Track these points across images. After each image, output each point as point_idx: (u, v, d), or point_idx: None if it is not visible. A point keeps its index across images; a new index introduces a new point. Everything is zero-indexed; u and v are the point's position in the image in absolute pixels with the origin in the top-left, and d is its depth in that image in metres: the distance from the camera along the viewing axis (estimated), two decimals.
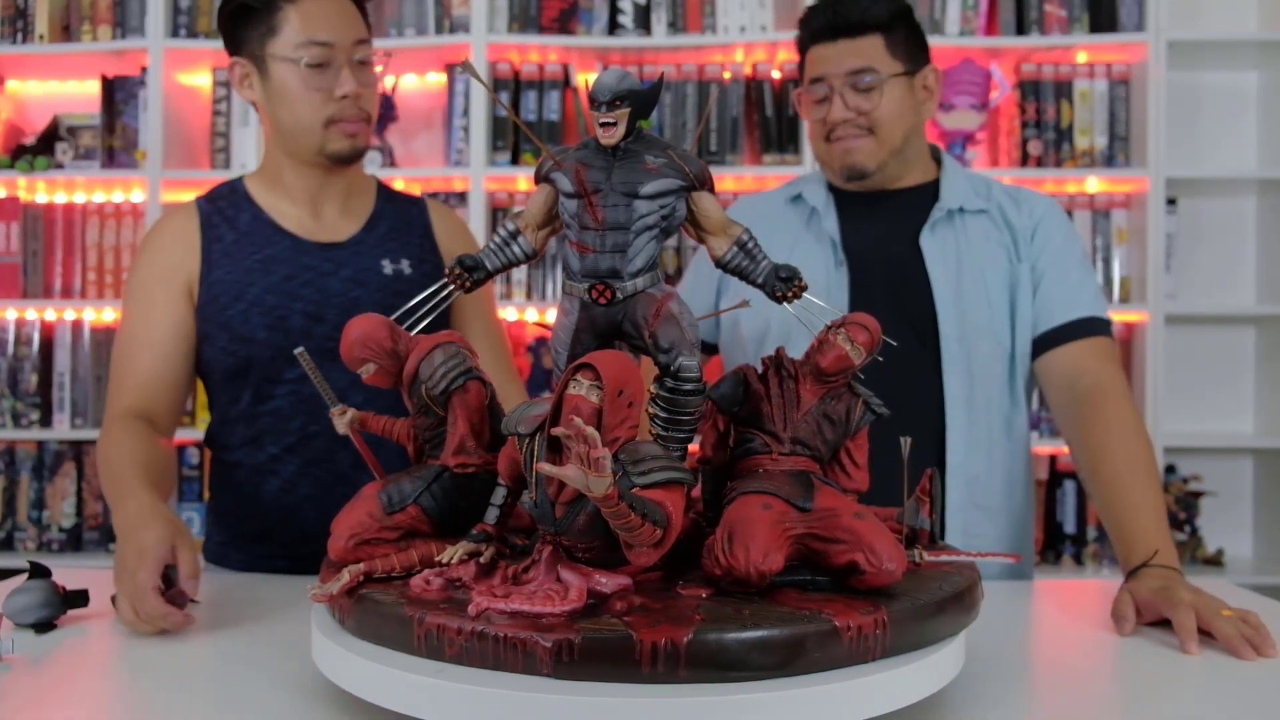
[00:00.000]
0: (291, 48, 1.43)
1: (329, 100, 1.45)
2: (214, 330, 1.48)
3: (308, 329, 1.47)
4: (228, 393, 1.51)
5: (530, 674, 0.76)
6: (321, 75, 1.44)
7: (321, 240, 1.53)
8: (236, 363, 1.47)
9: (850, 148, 1.56)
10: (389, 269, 1.54)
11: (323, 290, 1.50)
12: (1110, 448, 1.40)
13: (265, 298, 1.47)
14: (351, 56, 1.45)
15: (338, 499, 1.37)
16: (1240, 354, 2.96)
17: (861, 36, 1.54)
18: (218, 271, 1.49)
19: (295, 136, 1.49)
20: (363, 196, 1.59)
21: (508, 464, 0.89)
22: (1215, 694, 0.97)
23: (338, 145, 1.48)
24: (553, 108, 2.82)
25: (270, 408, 1.49)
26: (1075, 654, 1.08)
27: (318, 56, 1.43)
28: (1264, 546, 2.92)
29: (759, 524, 0.83)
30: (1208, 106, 2.94)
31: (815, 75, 1.57)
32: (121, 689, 0.97)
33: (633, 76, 0.88)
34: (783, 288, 0.92)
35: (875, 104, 1.54)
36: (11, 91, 3.02)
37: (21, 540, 2.87)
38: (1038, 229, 1.58)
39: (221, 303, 1.47)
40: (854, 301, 1.56)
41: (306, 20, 1.43)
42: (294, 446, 1.48)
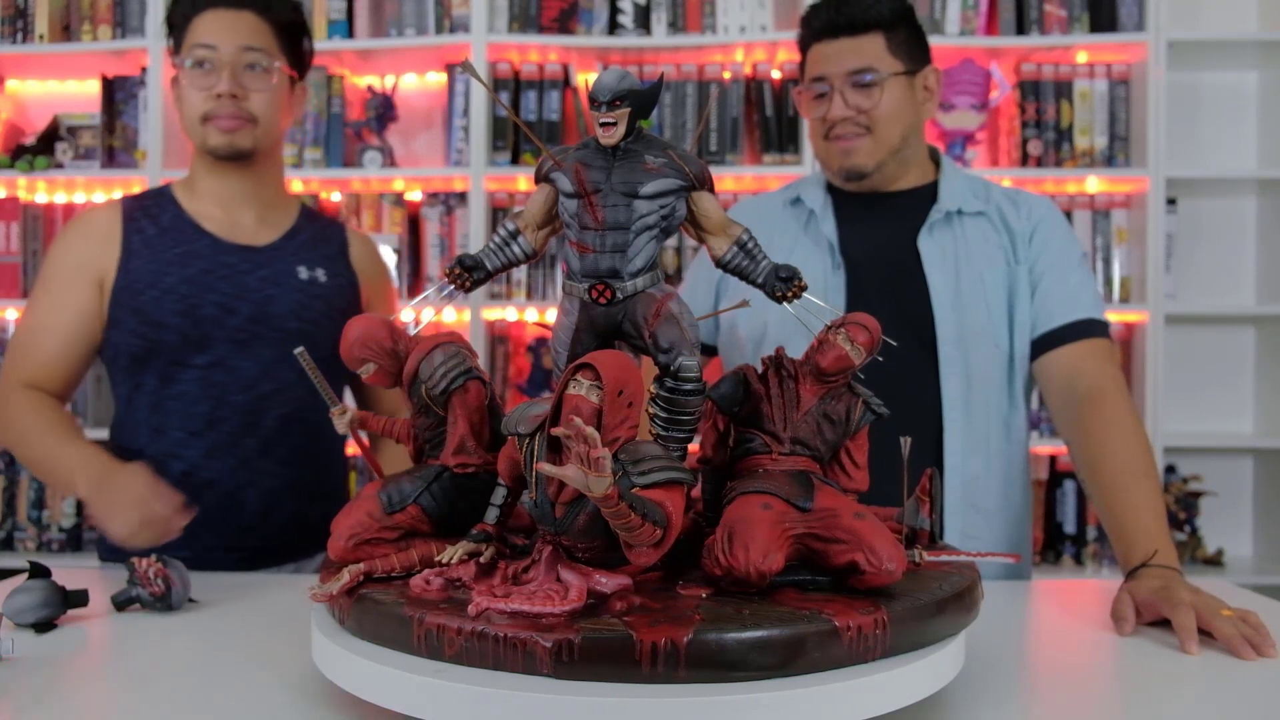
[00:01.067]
0: (186, 51, 1.56)
1: (208, 98, 1.54)
2: (124, 315, 1.54)
3: (219, 319, 1.53)
4: (132, 378, 1.56)
5: (530, 674, 0.76)
6: (204, 75, 1.54)
7: (240, 243, 1.61)
8: (144, 345, 1.53)
9: (848, 148, 1.56)
10: (304, 274, 1.62)
11: (238, 285, 1.56)
12: (1109, 448, 1.40)
13: (179, 287, 1.54)
14: (238, 62, 1.55)
15: (240, 484, 1.53)
16: (1240, 354, 2.96)
17: (863, 35, 1.54)
18: (135, 261, 1.55)
19: (188, 133, 1.59)
20: (283, 211, 1.68)
21: (507, 464, 0.89)
22: (1215, 694, 0.97)
23: (214, 140, 1.56)
24: (553, 108, 2.82)
25: (175, 391, 1.54)
26: (1075, 654, 1.08)
27: (199, 56, 1.54)
28: (1264, 546, 2.92)
29: (759, 524, 0.83)
30: (1208, 106, 2.94)
31: (816, 74, 1.57)
32: (121, 689, 0.97)
33: (633, 76, 0.88)
34: (783, 288, 0.92)
35: (875, 102, 1.54)
36: (11, 91, 3.02)
37: (21, 540, 2.87)
38: (1036, 231, 1.58)
39: (136, 289, 1.54)
40: (851, 304, 1.56)
41: (200, 27, 1.56)
42: (199, 431, 1.53)
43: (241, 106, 1.54)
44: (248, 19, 1.56)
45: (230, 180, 1.61)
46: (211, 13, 1.55)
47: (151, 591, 1.20)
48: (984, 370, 1.54)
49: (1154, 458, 1.43)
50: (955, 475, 1.52)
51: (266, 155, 1.63)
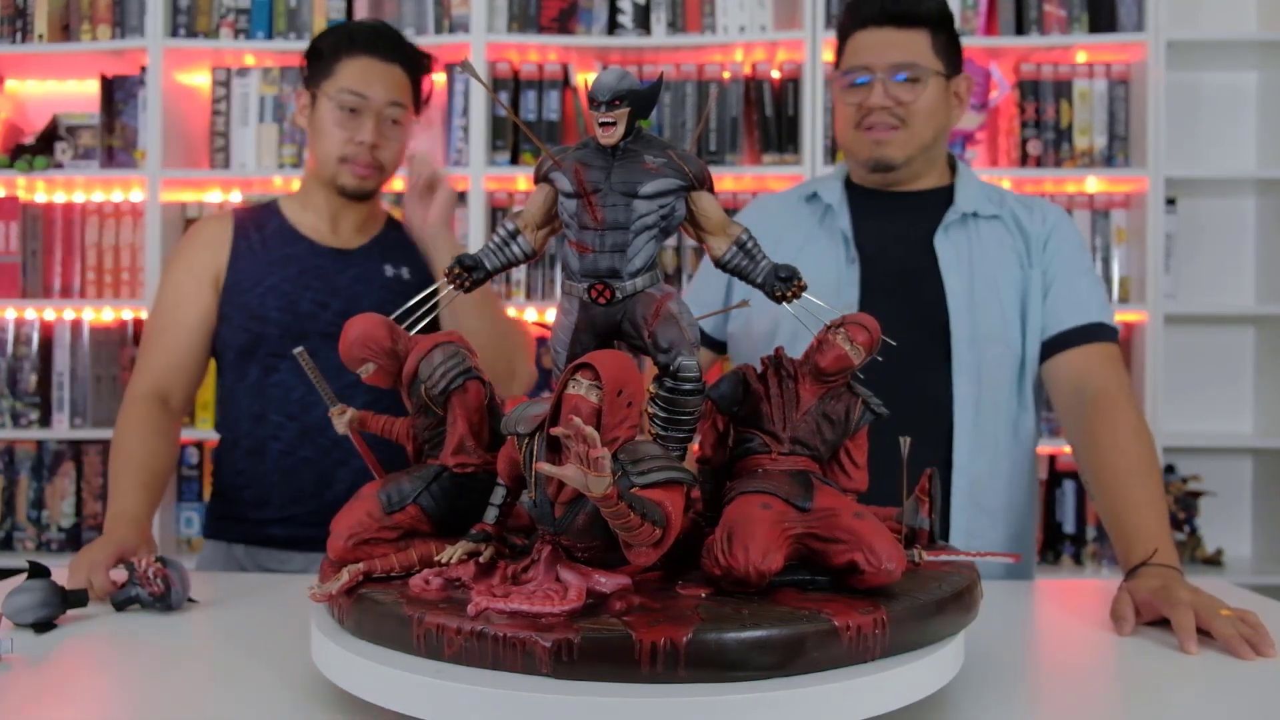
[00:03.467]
0: (335, 90, 1.67)
1: (349, 142, 1.68)
2: (233, 311, 1.69)
3: (315, 312, 1.69)
4: (237, 370, 1.70)
5: (529, 674, 0.76)
6: (350, 119, 1.67)
7: (334, 247, 1.76)
8: (249, 339, 1.68)
9: (881, 139, 1.57)
10: (390, 272, 1.76)
11: (330, 283, 1.72)
12: (1115, 449, 1.40)
13: (280, 285, 1.69)
14: (382, 113, 1.68)
15: (333, 462, 1.65)
16: (1239, 354, 2.96)
17: (910, 29, 1.56)
18: (242, 263, 1.72)
19: (320, 163, 1.73)
20: (377, 222, 1.84)
21: (507, 464, 0.89)
22: (1215, 694, 0.97)
23: (345, 180, 1.71)
24: (552, 107, 2.82)
25: (275, 380, 1.68)
26: (1075, 654, 1.08)
27: (350, 103, 1.66)
28: (1263, 546, 2.92)
29: (758, 524, 0.83)
30: (1207, 106, 2.94)
31: (858, 62, 1.57)
32: (121, 688, 0.97)
33: (632, 76, 0.88)
34: (782, 287, 0.92)
35: (915, 97, 1.55)
36: (11, 91, 3.01)
37: (21, 540, 2.87)
38: (1051, 236, 1.59)
39: (243, 287, 1.70)
40: (864, 298, 1.56)
41: (352, 72, 1.67)
42: (295, 415, 1.67)
43: (376, 156, 1.69)
44: (395, 72, 1.70)
45: (342, 200, 1.75)
46: (366, 60, 1.68)
47: (151, 591, 1.20)
48: (995, 371, 1.55)
49: (1158, 459, 1.44)
50: (962, 475, 1.52)
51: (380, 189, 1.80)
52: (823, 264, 1.61)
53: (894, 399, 1.58)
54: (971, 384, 1.54)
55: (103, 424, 2.82)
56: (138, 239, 2.84)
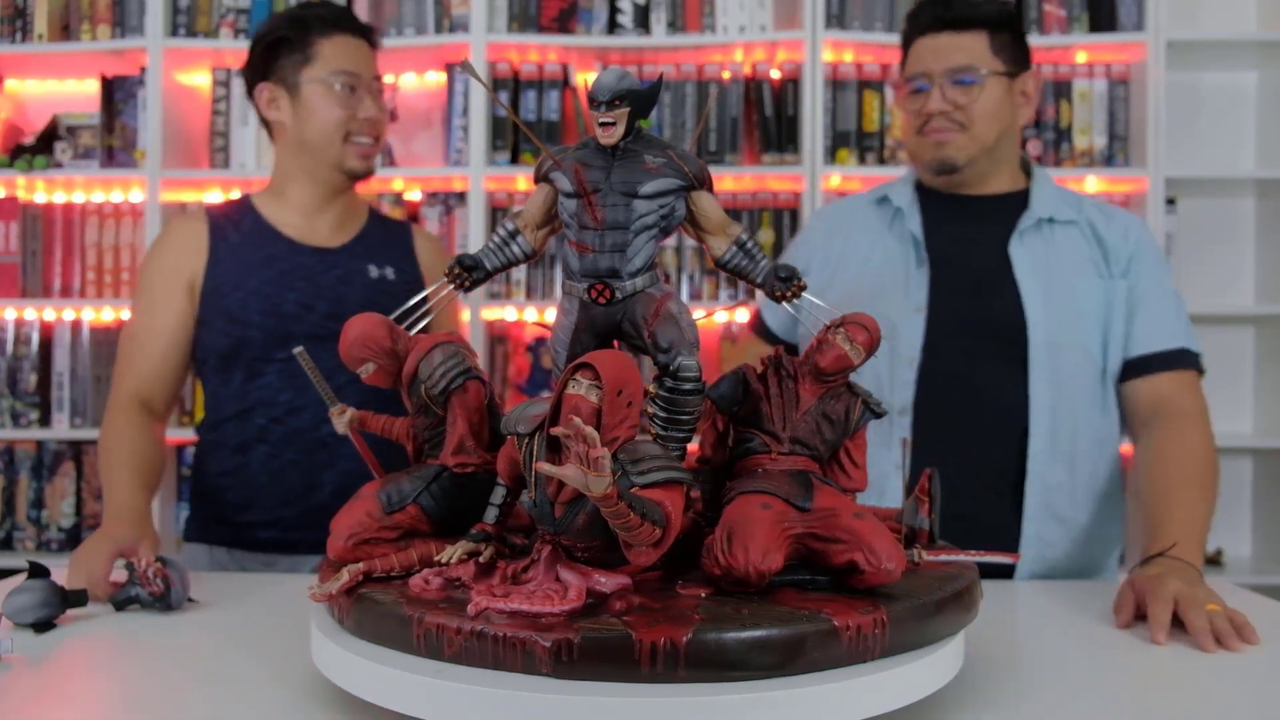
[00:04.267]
0: (326, 73, 1.66)
1: (353, 119, 1.67)
2: (213, 315, 1.65)
3: (299, 315, 1.65)
4: (221, 374, 1.67)
5: (529, 674, 0.76)
6: (348, 98, 1.67)
7: (315, 245, 1.72)
8: (232, 344, 1.64)
9: (943, 140, 1.57)
10: (374, 273, 1.74)
11: (314, 283, 1.68)
12: (1176, 462, 1.41)
13: (262, 288, 1.65)
14: (372, 88, 1.70)
15: (319, 464, 1.62)
16: (1239, 354, 2.96)
17: (967, 32, 1.56)
18: (221, 267, 1.67)
19: (316, 150, 1.69)
20: (356, 218, 1.80)
21: (507, 464, 0.89)
22: (1215, 694, 0.97)
23: (353, 163, 1.70)
24: (552, 107, 2.82)
25: (261, 384, 1.65)
26: (1075, 654, 1.08)
27: (349, 83, 1.66)
28: (1263, 546, 2.92)
29: (758, 524, 0.83)
30: (1207, 106, 2.94)
31: (917, 70, 1.58)
32: (121, 688, 0.97)
33: (632, 76, 0.88)
34: (782, 287, 0.92)
35: (973, 99, 1.55)
36: (11, 91, 3.01)
37: (20, 540, 2.87)
38: (1136, 253, 1.58)
39: (223, 291, 1.65)
40: (934, 301, 1.56)
41: (338, 52, 1.67)
42: (281, 417, 1.65)
43: (377, 129, 1.70)
44: (366, 47, 1.71)
45: (323, 192, 1.73)
46: (344, 38, 1.67)
47: (151, 591, 1.20)
48: (1073, 378, 1.53)
49: (1216, 483, 1.44)
50: (1037, 480, 1.51)
51: None
52: (892, 266, 1.61)
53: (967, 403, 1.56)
54: (1048, 390, 1.52)
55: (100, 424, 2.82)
56: (138, 239, 2.84)
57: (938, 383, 1.54)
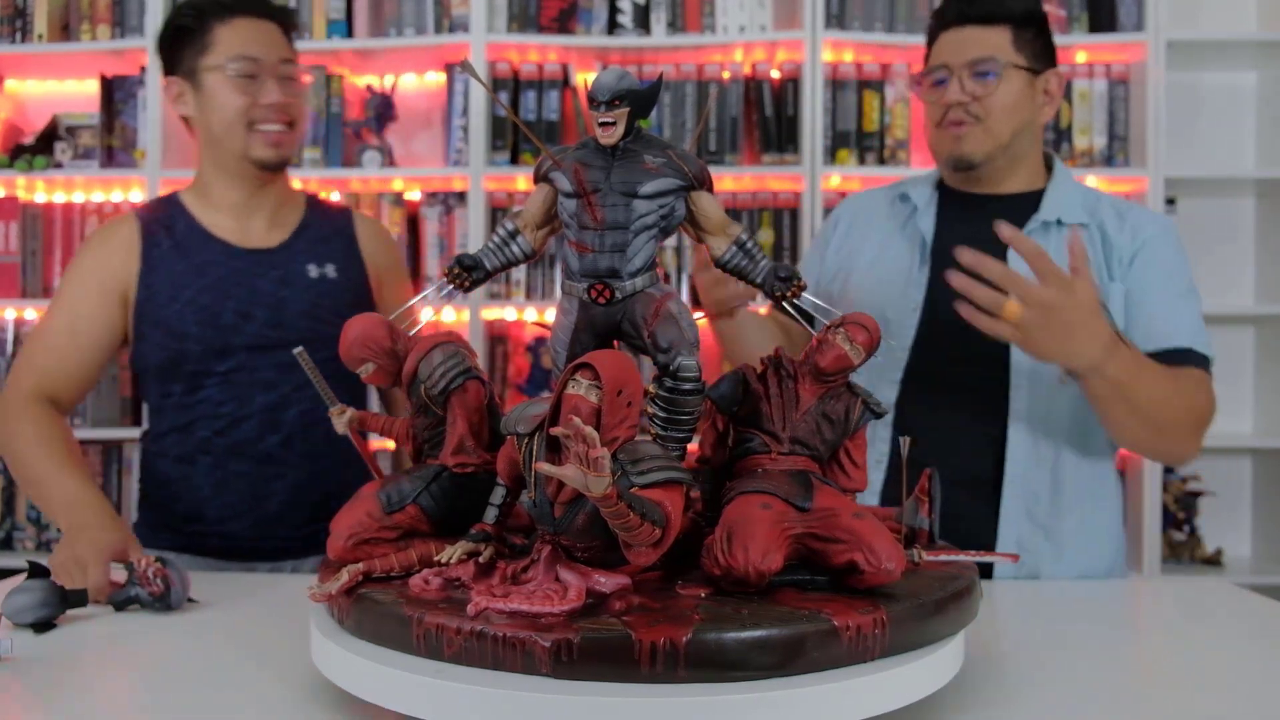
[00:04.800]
0: (223, 60, 1.56)
1: (254, 106, 1.58)
2: (149, 329, 1.59)
3: (237, 325, 1.59)
4: (161, 386, 1.62)
5: (529, 674, 0.76)
6: (249, 84, 1.57)
7: (251, 247, 1.64)
8: (170, 356, 1.58)
9: (959, 134, 1.56)
10: (314, 273, 1.66)
11: (252, 291, 1.61)
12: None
13: (199, 298, 1.58)
14: (277, 72, 1.59)
15: (267, 477, 1.58)
16: (1239, 354, 2.96)
17: (990, 26, 1.55)
18: (155, 275, 1.60)
19: (222, 142, 1.60)
20: (291, 209, 1.71)
21: (506, 464, 0.89)
22: (1216, 693, 0.97)
23: (261, 153, 1.60)
24: (552, 107, 2.82)
25: (202, 396, 1.59)
26: (1075, 654, 1.08)
27: (246, 69, 1.57)
28: (1263, 546, 2.92)
29: (758, 524, 0.83)
30: (1207, 107, 2.94)
31: (938, 61, 1.58)
32: (120, 689, 0.97)
33: (632, 76, 0.88)
34: (781, 287, 0.92)
35: (990, 92, 1.53)
36: (11, 91, 3.01)
37: (20, 540, 2.87)
38: (1141, 251, 1.54)
39: (158, 302, 1.59)
40: (930, 301, 1.56)
41: (235, 37, 1.57)
42: (224, 430, 1.59)
43: (288, 112, 1.60)
44: (274, 30, 1.61)
45: (249, 188, 1.64)
46: (244, 21, 1.58)
47: (150, 591, 1.20)
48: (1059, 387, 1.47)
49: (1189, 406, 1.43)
50: (1015, 485, 1.49)
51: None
52: (897, 264, 1.62)
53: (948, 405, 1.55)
54: (1027, 396, 1.50)
55: (102, 424, 2.82)
56: None
57: (922, 382, 1.54)
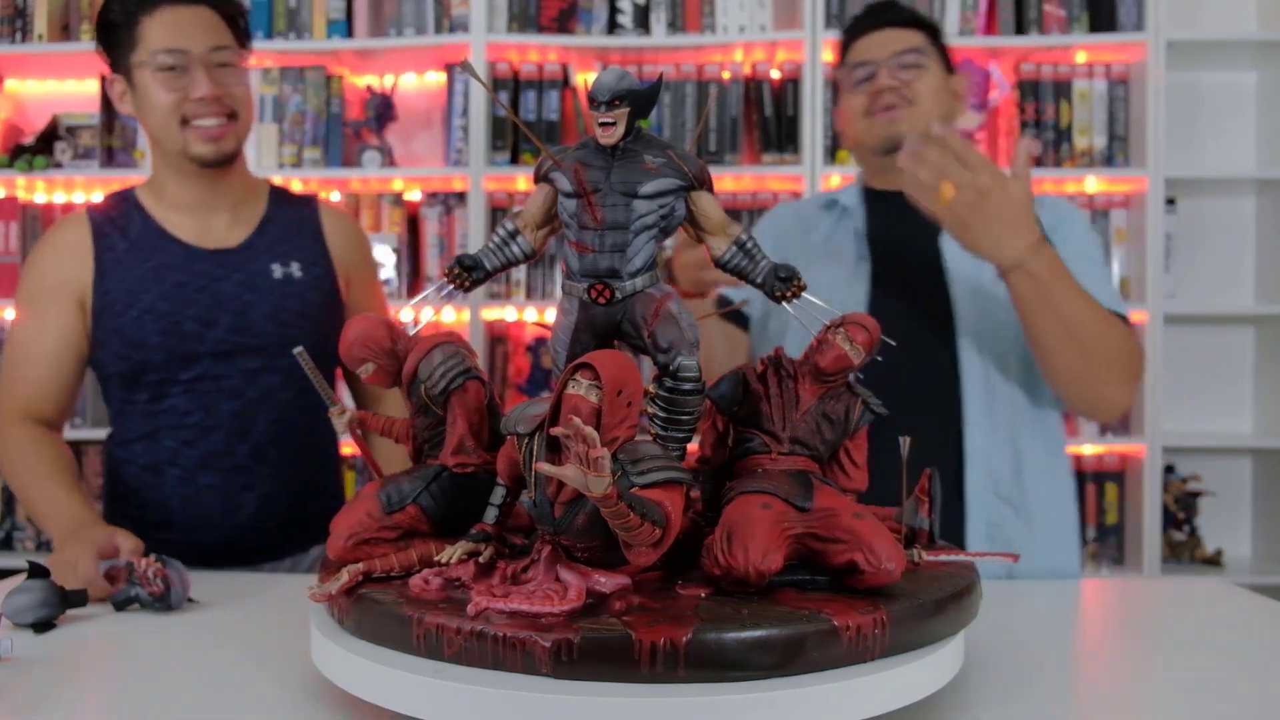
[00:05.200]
0: (148, 54, 1.48)
1: (185, 101, 1.49)
2: (107, 336, 1.52)
3: (200, 333, 1.52)
4: (124, 394, 1.56)
5: (529, 674, 0.76)
6: (177, 78, 1.49)
7: (212, 247, 1.57)
8: (130, 367, 1.52)
9: (893, 117, 1.62)
10: (279, 273, 1.58)
11: (214, 295, 1.54)
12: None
13: (158, 304, 1.51)
14: (209, 61, 1.50)
15: (237, 488, 1.54)
16: (1239, 354, 2.96)
17: (908, 29, 1.65)
18: (110, 280, 1.53)
19: (160, 141, 1.54)
20: (253, 202, 1.63)
21: (506, 464, 0.89)
22: (1215, 694, 0.97)
23: (198, 149, 1.52)
24: (552, 107, 2.82)
25: (167, 405, 1.54)
26: (1075, 654, 1.08)
27: (170, 61, 1.48)
28: (1263, 546, 2.92)
29: (758, 524, 0.83)
30: (1207, 106, 2.94)
31: (862, 57, 1.65)
32: (120, 689, 0.97)
33: (632, 76, 0.88)
34: (782, 287, 0.92)
35: (918, 78, 1.62)
36: (10, 91, 3.02)
37: (20, 540, 2.87)
38: (1059, 226, 1.61)
39: (116, 310, 1.52)
40: (874, 293, 1.60)
41: (160, 29, 1.48)
42: (192, 440, 1.54)
43: (223, 104, 1.51)
44: (204, 14, 1.51)
45: (202, 185, 1.57)
46: (168, 10, 1.49)
47: (150, 591, 1.20)
48: (1006, 365, 1.56)
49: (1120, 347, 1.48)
50: (977, 469, 1.53)
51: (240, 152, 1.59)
52: (839, 262, 1.66)
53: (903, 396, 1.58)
54: (980, 376, 1.55)
55: (102, 424, 2.80)
56: None
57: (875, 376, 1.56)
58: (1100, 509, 2.82)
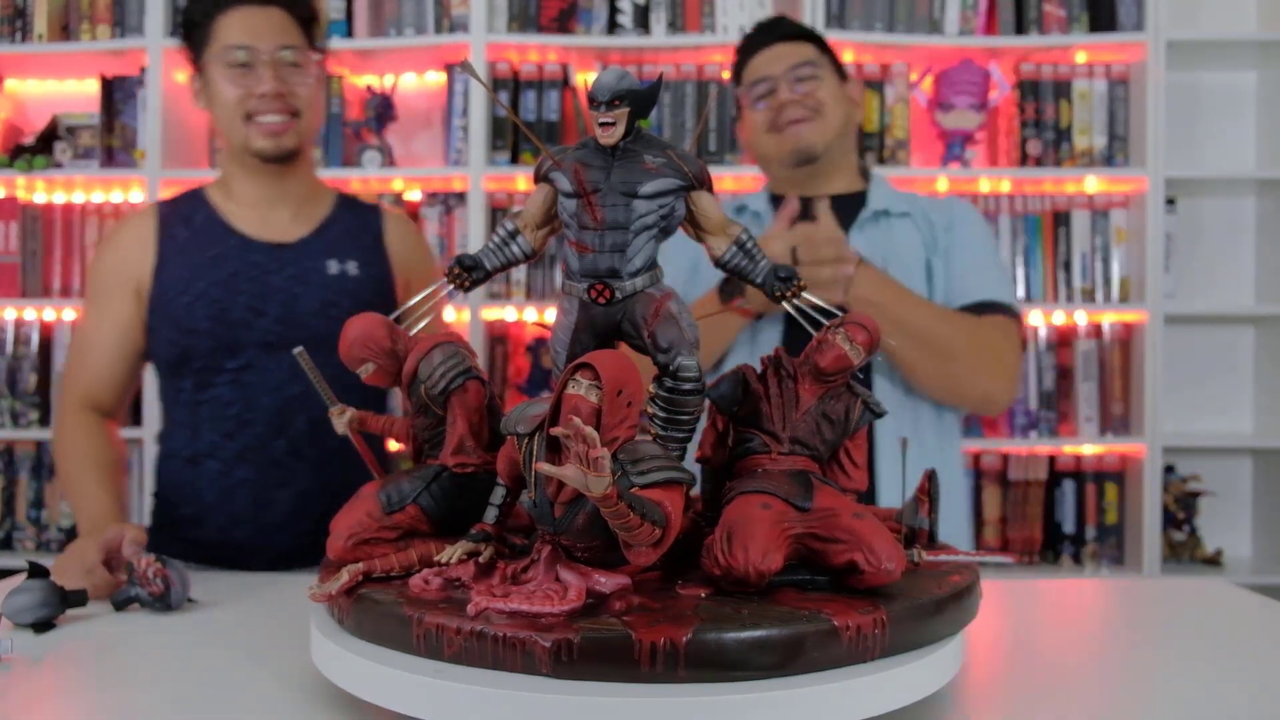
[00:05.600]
0: (219, 50, 1.54)
1: (249, 96, 1.54)
2: (160, 322, 1.58)
3: (248, 321, 1.56)
4: (172, 382, 1.60)
5: (529, 674, 0.76)
6: (244, 75, 1.54)
7: (269, 240, 1.61)
8: (179, 352, 1.57)
9: (799, 130, 1.68)
10: (334, 269, 1.62)
11: (265, 285, 1.58)
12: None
13: (210, 291, 1.56)
14: (276, 59, 1.55)
15: (271, 484, 1.55)
16: (1239, 354, 2.96)
17: (798, 42, 1.73)
18: (169, 268, 1.58)
19: (227, 135, 1.59)
20: (318, 203, 1.68)
21: (506, 464, 0.89)
22: (1215, 694, 0.97)
23: (259, 144, 1.57)
24: (552, 107, 2.82)
25: (210, 395, 1.57)
26: (1075, 654, 1.08)
27: (238, 57, 1.54)
28: (1263, 546, 2.92)
29: (758, 524, 0.83)
30: (1207, 106, 2.94)
31: (760, 74, 1.72)
32: (120, 689, 0.97)
33: (632, 76, 0.88)
34: (781, 287, 0.92)
35: (817, 89, 1.69)
36: (10, 91, 3.02)
37: (20, 540, 2.87)
38: (954, 223, 1.71)
39: (169, 295, 1.57)
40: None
41: (231, 27, 1.55)
42: (232, 433, 1.57)
43: (287, 102, 1.56)
44: (275, 15, 1.57)
45: (266, 181, 1.62)
46: (241, 10, 1.55)
47: (150, 591, 1.20)
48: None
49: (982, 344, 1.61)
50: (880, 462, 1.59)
51: (305, 151, 1.64)
52: None
53: None
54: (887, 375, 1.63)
55: None
56: None
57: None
58: (1100, 509, 2.82)
